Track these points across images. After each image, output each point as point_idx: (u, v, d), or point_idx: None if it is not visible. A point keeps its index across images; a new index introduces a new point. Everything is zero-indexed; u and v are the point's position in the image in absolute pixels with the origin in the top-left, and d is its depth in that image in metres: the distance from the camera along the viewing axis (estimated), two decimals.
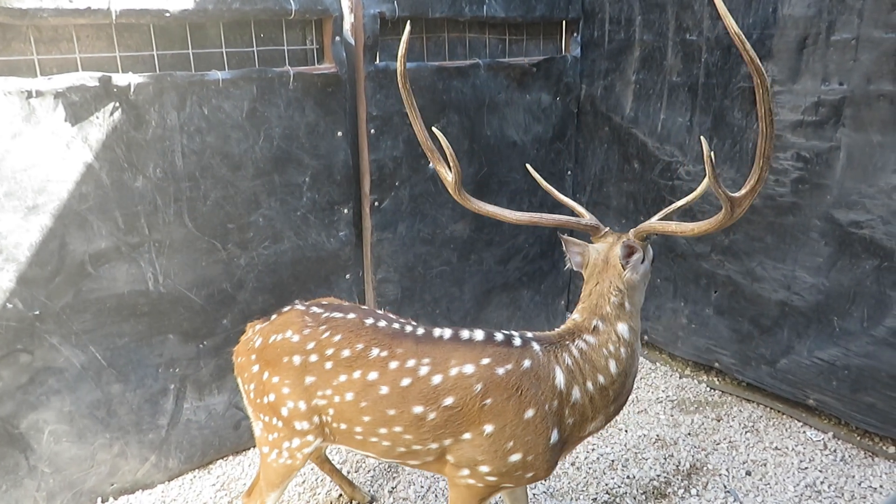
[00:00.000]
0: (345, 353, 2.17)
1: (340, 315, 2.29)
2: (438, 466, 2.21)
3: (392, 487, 3.20)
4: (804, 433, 3.56)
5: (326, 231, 3.42)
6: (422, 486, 3.19)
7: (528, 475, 2.12)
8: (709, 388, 4.05)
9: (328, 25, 3.18)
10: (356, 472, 3.31)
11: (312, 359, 2.20)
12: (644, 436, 3.58)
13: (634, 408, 3.86)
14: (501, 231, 4.14)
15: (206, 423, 3.30)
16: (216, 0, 2.79)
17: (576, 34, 4.23)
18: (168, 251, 2.97)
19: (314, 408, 2.22)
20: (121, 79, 2.67)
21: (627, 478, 3.25)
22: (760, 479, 3.23)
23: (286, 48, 3.16)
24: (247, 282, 3.23)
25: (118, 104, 2.69)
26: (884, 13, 2.93)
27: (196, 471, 3.32)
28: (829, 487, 3.15)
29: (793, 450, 3.43)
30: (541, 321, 4.57)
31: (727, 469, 3.30)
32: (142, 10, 2.63)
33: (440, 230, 3.86)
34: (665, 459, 3.38)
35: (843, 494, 3.10)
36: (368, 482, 3.24)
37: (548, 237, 4.41)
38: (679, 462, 3.35)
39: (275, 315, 2.42)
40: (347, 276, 3.56)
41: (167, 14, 2.69)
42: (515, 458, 2.06)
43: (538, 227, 4.27)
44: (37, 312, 2.70)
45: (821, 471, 3.27)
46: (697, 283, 3.99)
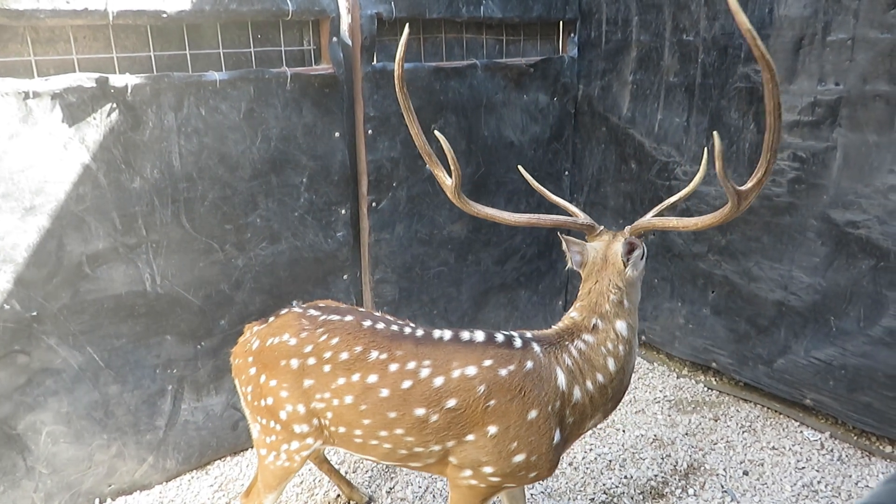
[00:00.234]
0: (343, 356, 2.16)
1: (338, 317, 2.27)
2: (440, 468, 2.21)
3: (390, 488, 3.20)
4: (801, 433, 3.57)
5: (324, 232, 3.42)
6: (419, 487, 3.19)
7: (532, 475, 2.13)
8: (706, 388, 4.05)
9: (325, 26, 3.18)
10: (354, 473, 3.31)
11: (310, 362, 2.19)
12: (641, 436, 3.58)
13: (632, 408, 3.86)
14: (499, 232, 4.15)
15: (204, 424, 3.30)
16: (213, 1, 2.80)
17: (573, 35, 4.23)
18: (165, 252, 2.97)
19: (313, 411, 2.22)
20: (118, 80, 2.67)
21: (625, 478, 3.25)
22: (758, 479, 3.23)
23: (283, 49, 3.17)
24: (244, 282, 3.23)
25: (115, 105, 2.69)
26: (879, 13, 2.94)
27: (194, 472, 3.32)
28: (826, 487, 3.15)
29: (790, 449, 3.44)
30: (538, 321, 4.57)
31: (724, 469, 3.31)
32: (139, 11, 2.63)
33: (438, 231, 3.86)
34: (662, 459, 3.38)
35: (840, 494, 3.10)
36: (366, 482, 3.24)
37: (545, 238, 4.42)
38: (676, 462, 3.36)
39: (272, 317, 2.41)
40: (345, 277, 3.56)
41: (164, 15, 2.69)
42: (519, 459, 2.07)
43: (536, 228, 4.28)
44: (34, 313, 2.70)
45: (818, 470, 3.27)
46: (694, 283, 3.99)
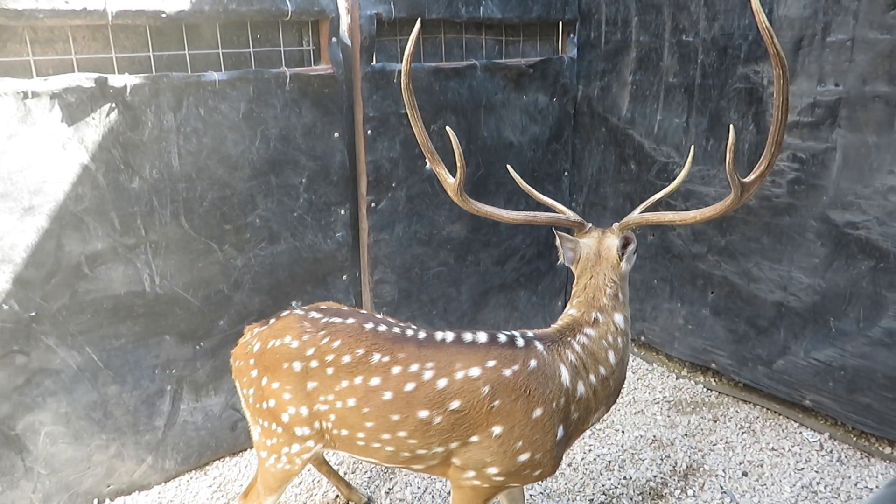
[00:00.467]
0: (345, 359, 2.16)
1: (340, 320, 2.27)
2: (442, 469, 2.21)
3: (389, 489, 3.20)
4: (800, 434, 3.57)
5: (323, 232, 3.42)
6: (418, 487, 3.19)
7: (536, 473, 2.13)
8: (705, 389, 4.05)
9: (325, 26, 3.18)
10: (353, 473, 3.31)
11: (313, 364, 2.18)
12: (641, 436, 3.58)
13: (631, 409, 3.86)
14: (499, 232, 4.14)
15: (203, 425, 3.29)
16: (212, 1, 2.79)
17: (572, 35, 4.23)
18: (164, 252, 2.96)
19: (316, 413, 2.21)
20: (117, 80, 2.67)
21: (624, 478, 3.25)
22: (757, 480, 3.23)
23: (283, 49, 3.16)
24: (243, 283, 3.23)
25: (114, 105, 2.69)
26: (879, 14, 2.94)
27: (193, 472, 3.32)
28: (826, 488, 3.15)
29: (789, 450, 3.44)
30: (538, 322, 4.57)
31: (724, 470, 3.30)
32: (138, 12, 2.63)
33: (437, 231, 3.86)
34: (662, 460, 3.38)
35: (840, 495, 3.10)
36: (365, 483, 3.24)
37: (544, 238, 4.42)
38: (676, 463, 3.36)
39: (273, 319, 2.40)
40: (344, 277, 3.56)
41: (163, 15, 2.69)
42: (524, 458, 2.07)
43: (535, 228, 4.28)
44: (33, 314, 2.70)
45: (817, 471, 3.27)
46: (694, 284, 3.99)
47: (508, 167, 2.79)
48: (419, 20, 2.26)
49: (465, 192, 2.35)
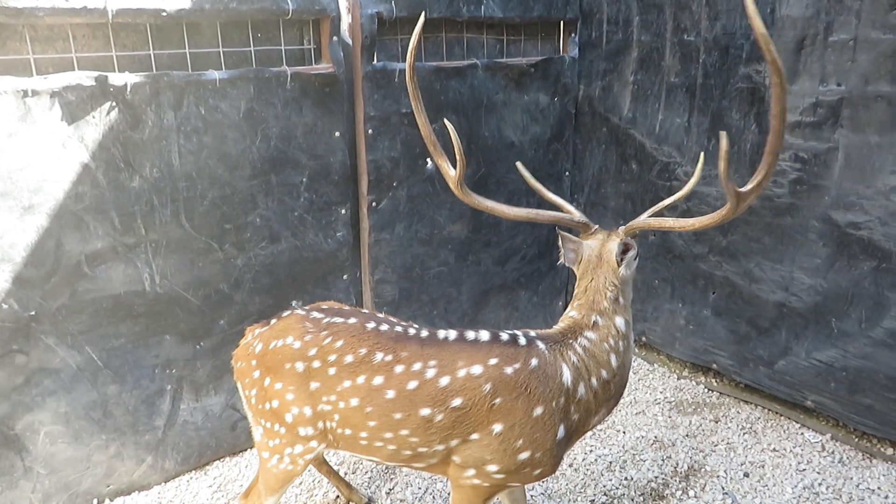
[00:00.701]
0: (348, 359, 2.16)
1: (341, 320, 2.26)
2: (443, 468, 2.21)
3: (389, 489, 3.19)
4: (802, 435, 3.56)
5: (324, 231, 3.41)
6: (419, 488, 3.18)
7: (536, 472, 2.13)
8: (707, 390, 4.04)
9: (325, 25, 3.17)
10: (353, 474, 3.30)
11: (315, 365, 2.18)
12: (642, 437, 3.57)
13: (632, 409, 3.85)
14: (499, 232, 4.14)
15: (203, 425, 3.28)
16: None
17: (573, 35, 4.22)
18: (165, 252, 2.95)
19: (320, 413, 2.21)
20: (117, 78, 2.66)
21: (625, 479, 3.24)
22: (758, 481, 3.22)
23: (283, 48, 3.16)
24: (244, 282, 3.22)
25: (115, 104, 2.68)
26: (881, 14, 2.93)
27: (193, 472, 3.31)
28: (827, 489, 3.14)
29: (791, 451, 3.43)
30: (538, 322, 4.56)
31: (725, 470, 3.29)
32: (138, 10, 2.62)
33: (438, 231, 3.85)
34: (663, 461, 3.37)
35: (841, 496, 3.09)
36: (366, 483, 3.23)
37: (545, 238, 4.41)
38: (677, 464, 3.35)
39: (274, 319, 2.39)
40: (345, 277, 3.55)
41: (164, 13, 2.68)
42: (524, 456, 2.07)
43: (536, 228, 4.27)
44: (32, 313, 2.69)
45: (819, 472, 3.26)
46: (695, 285, 3.98)
47: (518, 164, 2.77)
48: (423, 15, 2.24)
49: (472, 187, 2.35)
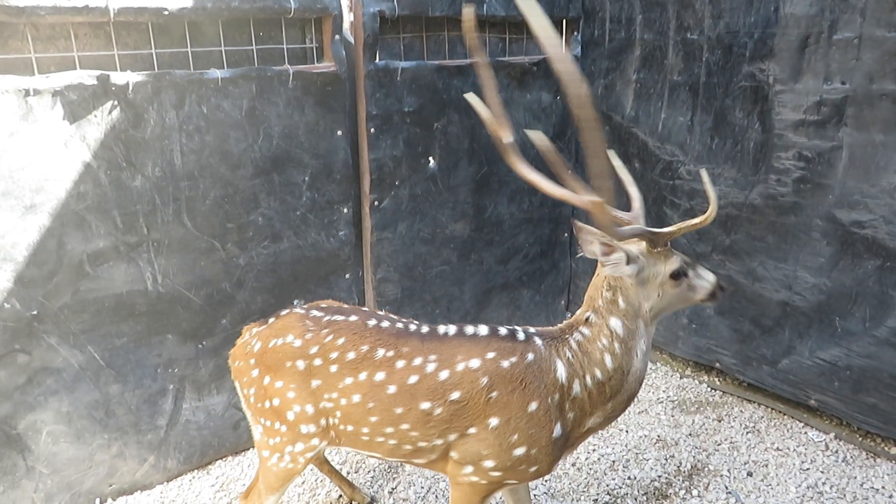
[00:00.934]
0: (350, 356, 2.17)
1: (342, 318, 2.27)
2: (442, 465, 2.22)
3: (392, 488, 3.19)
4: (806, 434, 3.55)
5: (326, 231, 3.40)
6: (422, 487, 3.18)
7: (532, 469, 2.12)
8: (710, 389, 4.03)
9: (327, 24, 3.16)
10: (356, 473, 3.29)
11: (317, 363, 2.19)
12: (645, 436, 3.56)
13: (635, 408, 3.84)
14: (502, 231, 4.13)
15: (205, 424, 3.28)
16: None
17: (576, 33, 4.21)
18: (167, 251, 2.95)
19: (322, 411, 2.22)
20: (119, 77, 2.65)
21: (628, 478, 3.23)
22: (762, 480, 3.21)
23: (285, 47, 3.15)
24: (246, 281, 3.21)
25: (116, 103, 2.67)
26: (886, 12, 2.92)
27: (195, 471, 3.30)
28: (831, 488, 3.13)
29: (794, 450, 3.42)
30: (541, 321, 4.55)
31: (728, 470, 3.29)
32: (140, 9, 2.61)
33: (440, 230, 3.84)
34: (666, 460, 3.36)
35: (845, 496, 3.08)
36: (368, 483, 3.23)
37: (548, 237, 4.40)
38: (680, 463, 3.34)
39: (273, 318, 2.39)
40: (347, 276, 3.54)
41: (165, 12, 2.67)
42: (520, 452, 2.07)
43: (538, 227, 4.26)
44: (35, 312, 2.68)
45: (822, 472, 3.25)
46: None
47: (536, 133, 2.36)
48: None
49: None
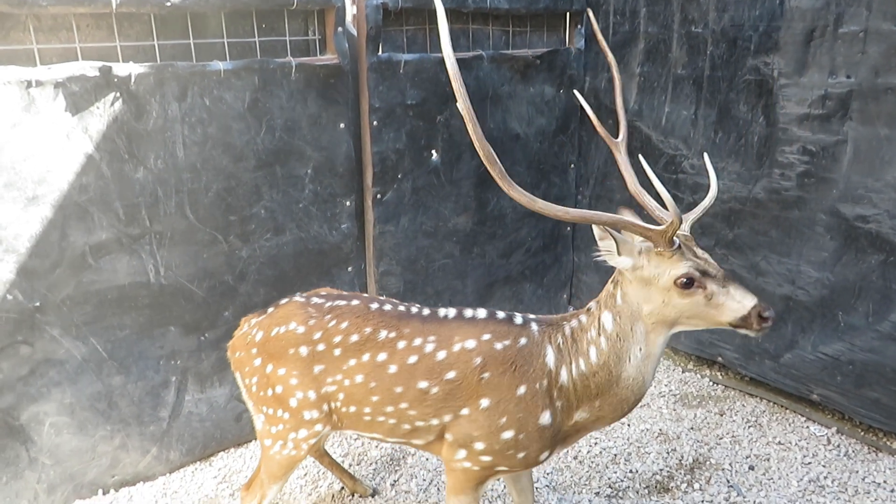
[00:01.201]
0: (353, 339, 2.22)
1: (344, 303, 2.32)
2: (438, 446, 2.27)
3: (394, 480, 3.19)
4: (808, 428, 3.55)
5: (328, 223, 3.40)
6: (424, 480, 3.18)
7: (520, 455, 2.14)
8: (712, 383, 4.03)
9: (330, 16, 3.15)
10: (358, 465, 3.30)
11: (320, 348, 2.23)
12: (647, 430, 3.56)
13: None
14: (504, 224, 4.12)
15: (208, 416, 3.28)
16: None
17: (580, 26, 4.19)
18: (169, 243, 2.95)
19: (324, 396, 2.26)
20: (121, 69, 2.65)
21: (630, 472, 3.24)
22: (764, 474, 3.21)
23: (288, 39, 3.14)
24: (248, 274, 3.21)
25: (119, 94, 2.67)
26: (893, 5, 2.90)
27: (197, 463, 3.31)
28: (833, 483, 3.13)
29: (796, 445, 3.42)
30: (544, 315, 4.54)
31: (730, 464, 3.29)
32: (142, 0, 2.60)
33: (443, 223, 3.84)
34: (668, 454, 3.36)
35: (847, 490, 3.08)
36: (370, 475, 3.23)
37: (550, 231, 4.39)
38: (682, 456, 3.34)
39: (272, 308, 2.42)
40: (349, 269, 3.54)
41: (168, 3, 2.67)
42: (508, 436, 2.10)
43: (541, 221, 4.24)
44: (37, 304, 2.68)
45: (824, 466, 3.25)
46: None
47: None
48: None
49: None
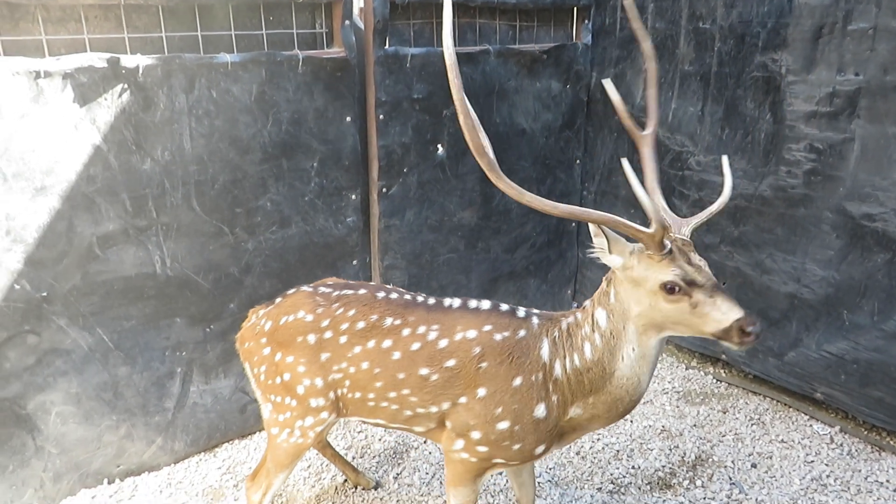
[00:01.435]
0: (360, 326, 2.26)
1: (352, 292, 2.37)
2: (438, 434, 2.30)
3: (397, 473, 3.21)
4: (811, 426, 3.55)
5: (334, 217, 3.41)
6: (426, 473, 3.20)
7: (516, 447, 2.16)
8: (715, 380, 4.03)
9: (337, 9, 3.15)
10: (361, 458, 3.32)
11: (327, 335, 2.27)
12: (650, 426, 3.57)
13: None
14: (509, 219, 4.12)
15: (213, 407, 3.30)
16: None
17: (587, 21, 4.18)
18: (175, 234, 2.96)
19: (331, 383, 2.30)
20: (129, 60, 2.65)
21: (632, 468, 3.24)
22: (766, 472, 3.22)
23: (295, 32, 3.14)
24: (254, 266, 3.22)
25: (126, 86, 2.67)
26: None
27: (202, 454, 3.33)
28: (835, 481, 3.13)
29: (799, 443, 3.42)
30: (547, 310, 4.54)
31: (733, 461, 3.29)
32: None
33: (448, 217, 3.84)
34: (670, 450, 3.37)
35: (849, 488, 3.08)
36: (373, 468, 3.25)
37: (555, 226, 4.39)
38: (684, 453, 3.35)
39: (279, 298, 2.46)
40: (354, 263, 3.55)
41: None
42: (503, 426, 2.12)
43: (545, 217, 4.24)
44: (44, 294, 2.70)
45: (827, 464, 3.25)
46: None
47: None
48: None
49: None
